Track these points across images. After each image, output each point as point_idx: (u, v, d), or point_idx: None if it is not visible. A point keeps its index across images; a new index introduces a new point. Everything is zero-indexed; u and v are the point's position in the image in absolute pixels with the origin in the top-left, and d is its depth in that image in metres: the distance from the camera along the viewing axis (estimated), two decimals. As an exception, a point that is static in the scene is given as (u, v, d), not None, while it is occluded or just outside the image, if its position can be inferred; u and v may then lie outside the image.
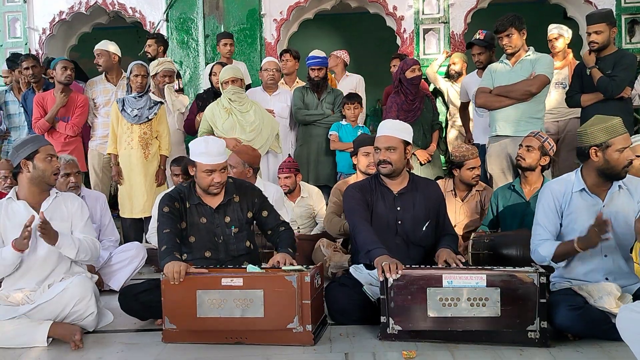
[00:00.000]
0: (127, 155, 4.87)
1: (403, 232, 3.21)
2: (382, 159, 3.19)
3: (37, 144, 3.07)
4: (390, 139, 3.21)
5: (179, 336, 2.82)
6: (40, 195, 3.11)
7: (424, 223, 3.23)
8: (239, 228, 3.21)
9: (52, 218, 3.04)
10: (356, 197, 3.23)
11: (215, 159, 3.10)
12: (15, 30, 7.10)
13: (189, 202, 3.18)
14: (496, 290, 2.64)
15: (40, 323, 2.90)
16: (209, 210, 3.18)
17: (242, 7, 6.80)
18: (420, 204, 3.24)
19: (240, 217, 3.22)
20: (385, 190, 3.26)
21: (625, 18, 6.36)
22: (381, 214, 3.21)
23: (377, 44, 8.38)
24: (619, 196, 2.83)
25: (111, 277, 3.90)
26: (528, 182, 3.84)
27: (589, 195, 2.85)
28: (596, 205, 2.83)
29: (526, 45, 4.32)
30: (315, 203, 4.80)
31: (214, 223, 3.17)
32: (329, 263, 4.05)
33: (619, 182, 2.82)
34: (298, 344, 2.71)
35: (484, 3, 6.69)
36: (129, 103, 4.86)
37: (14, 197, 3.10)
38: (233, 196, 3.23)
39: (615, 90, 4.30)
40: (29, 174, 3.04)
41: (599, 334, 2.64)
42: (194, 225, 3.16)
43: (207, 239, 3.16)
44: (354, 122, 5.24)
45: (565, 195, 2.87)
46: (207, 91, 5.33)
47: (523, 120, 4.23)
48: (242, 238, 3.21)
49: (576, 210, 2.85)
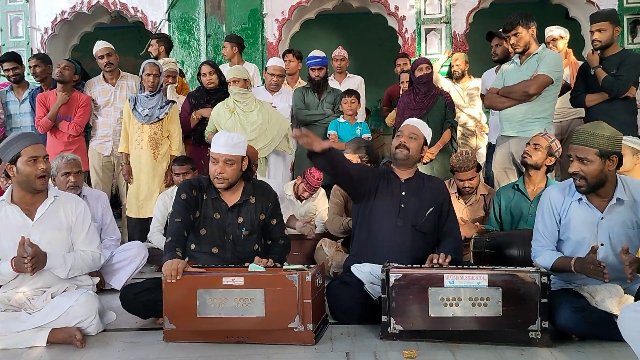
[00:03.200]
0: (137, 155, 4.88)
1: (405, 215, 3.22)
2: (402, 142, 3.27)
3: (20, 145, 2.86)
4: (415, 128, 3.33)
5: (180, 335, 2.81)
6: (33, 198, 2.96)
7: (428, 209, 3.24)
8: (250, 231, 3.20)
9: (45, 227, 2.95)
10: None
11: (220, 149, 3.10)
12: (17, 29, 7.13)
13: (207, 194, 3.17)
14: (497, 290, 2.63)
15: (39, 330, 2.86)
16: (224, 207, 3.18)
17: (243, 7, 6.82)
18: (425, 192, 3.29)
19: (253, 219, 3.21)
20: (394, 176, 3.33)
21: (628, 18, 6.37)
22: (386, 196, 3.25)
23: (379, 44, 8.39)
24: (619, 208, 2.74)
25: (112, 276, 3.90)
26: (532, 181, 3.83)
27: (587, 206, 2.78)
28: (593, 217, 2.76)
29: (537, 42, 4.24)
30: (319, 203, 4.81)
31: (226, 221, 3.17)
32: (331, 263, 4.05)
33: (619, 195, 2.72)
34: (299, 343, 2.71)
35: (486, 3, 6.70)
36: (140, 102, 4.86)
37: (8, 200, 2.96)
38: (250, 197, 3.22)
39: (621, 90, 4.29)
40: (14, 178, 2.90)
41: (602, 335, 2.62)
42: (207, 219, 3.16)
43: (217, 236, 3.16)
44: (352, 118, 5.20)
45: (564, 204, 2.82)
46: (199, 90, 5.34)
47: (527, 120, 4.20)
48: (251, 241, 3.21)
49: (573, 219, 2.79)
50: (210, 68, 5.17)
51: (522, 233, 3.50)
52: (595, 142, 2.63)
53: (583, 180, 2.67)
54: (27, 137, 2.95)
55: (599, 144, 2.62)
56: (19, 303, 2.95)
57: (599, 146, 2.62)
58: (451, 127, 5.00)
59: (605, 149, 2.62)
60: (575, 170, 2.67)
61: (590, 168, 2.63)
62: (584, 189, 2.69)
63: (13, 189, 2.99)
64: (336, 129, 5.17)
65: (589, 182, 2.66)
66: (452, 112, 5.04)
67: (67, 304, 2.88)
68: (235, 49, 5.84)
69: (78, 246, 3.06)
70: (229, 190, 3.18)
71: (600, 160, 2.62)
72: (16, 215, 2.94)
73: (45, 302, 2.92)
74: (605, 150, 2.62)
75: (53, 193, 3.04)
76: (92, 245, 3.11)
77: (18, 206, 2.96)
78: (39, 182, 2.90)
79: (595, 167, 2.63)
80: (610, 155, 2.64)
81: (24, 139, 2.92)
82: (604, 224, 2.74)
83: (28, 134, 3.04)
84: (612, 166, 2.66)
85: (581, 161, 2.65)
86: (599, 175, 2.65)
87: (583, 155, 2.63)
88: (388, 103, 6.41)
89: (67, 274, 2.96)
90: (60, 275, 2.95)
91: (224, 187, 3.14)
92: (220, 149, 3.11)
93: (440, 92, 5.09)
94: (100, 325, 3.01)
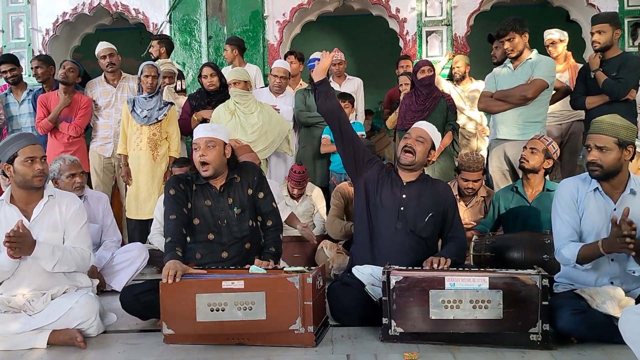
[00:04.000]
0: (135, 156, 4.89)
1: (404, 218, 3.19)
2: (409, 144, 3.24)
3: (17, 146, 2.90)
4: (423, 132, 3.30)
5: (180, 338, 2.80)
6: (30, 198, 2.97)
7: (427, 214, 3.21)
8: (242, 209, 3.22)
9: (41, 227, 2.95)
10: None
11: (199, 134, 3.20)
12: (18, 31, 7.13)
13: (196, 184, 3.20)
14: (498, 292, 2.63)
15: (40, 331, 2.86)
16: (214, 192, 3.20)
17: (245, 8, 6.82)
18: (427, 197, 3.24)
19: (242, 197, 3.24)
20: (396, 178, 3.30)
21: (628, 21, 6.36)
22: (386, 197, 3.23)
23: (380, 46, 8.40)
24: (632, 200, 2.78)
25: (113, 278, 3.91)
26: (530, 184, 3.83)
27: (601, 195, 2.82)
28: (607, 207, 2.80)
29: (529, 48, 4.31)
30: (316, 202, 4.83)
31: (218, 206, 3.19)
32: (332, 265, 4.06)
33: (632, 186, 2.78)
34: (300, 345, 2.71)
35: (487, 6, 6.70)
36: (139, 103, 4.87)
37: (7, 200, 2.98)
38: (234, 176, 3.25)
39: (622, 92, 4.30)
40: (12, 177, 2.92)
41: (603, 338, 2.62)
42: (198, 208, 3.18)
43: (212, 222, 3.18)
44: None
45: (579, 192, 2.85)
46: (199, 91, 5.35)
47: (523, 124, 4.23)
48: (244, 218, 3.22)
49: (587, 210, 2.83)
50: (211, 70, 5.18)
51: (522, 236, 3.51)
52: (614, 132, 2.72)
53: (599, 167, 2.74)
54: (24, 138, 2.98)
55: (617, 133, 2.72)
56: (18, 305, 2.94)
57: (617, 135, 2.71)
58: (453, 129, 4.99)
59: (624, 138, 2.71)
60: (594, 159, 2.74)
61: (608, 157, 2.72)
62: (598, 174, 2.76)
63: (12, 189, 3.01)
64: (330, 134, 5.17)
65: (605, 170, 2.74)
66: (453, 115, 5.03)
67: (67, 305, 2.89)
68: (235, 51, 5.84)
69: (69, 243, 3.03)
70: (217, 178, 3.20)
71: (619, 149, 2.71)
72: (14, 216, 2.95)
73: (46, 304, 2.92)
74: (623, 140, 2.71)
75: (48, 192, 3.04)
76: (84, 244, 3.07)
77: (16, 206, 2.98)
78: (36, 181, 2.92)
79: (614, 156, 2.72)
80: (627, 145, 2.72)
81: (22, 139, 2.95)
82: (617, 214, 2.75)
83: (26, 135, 3.07)
84: (628, 156, 2.75)
85: (600, 150, 2.73)
86: (616, 164, 2.73)
87: (602, 144, 2.71)
88: (389, 105, 6.41)
89: (53, 267, 2.93)
90: (47, 267, 2.93)
91: (210, 175, 3.15)
92: (199, 134, 3.20)
93: (442, 94, 5.08)
94: (101, 327, 3.01)
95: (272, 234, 3.27)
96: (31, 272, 2.96)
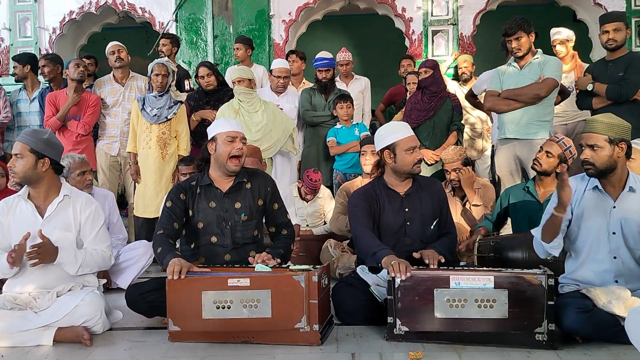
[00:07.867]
0: (144, 155, 4.89)
1: (412, 232, 3.20)
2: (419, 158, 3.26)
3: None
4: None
5: (186, 335, 2.81)
6: (45, 194, 3.01)
7: (432, 222, 3.23)
8: (249, 216, 3.18)
9: (54, 226, 2.97)
10: (360, 205, 3.22)
11: (235, 127, 3.19)
12: (25, 29, 7.16)
13: (200, 185, 3.18)
14: (504, 292, 2.63)
15: (46, 329, 2.88)
16: (219, 194, 3.18)
17: (251, 8, 6.83)
18: (426, 204, 3.25)
19: (251, 204, 3.19)
20: (392, 193, 3.26)
21: (635, 21, 6.34)
22: (389, 217, 3.21)
23: (386, 46, 8.38)
24: (631, 198, 2.80)
25: (119, 275, 3.91)
26: (543, 184, 3.81)
27: (601, 193, 2.83)
28: (606, 205, 2.81)
29: (534, 48, 4.30)
30: (326, 203, 4.83)
31: (223, 208, 3.16)
32: (337, 264, 4.06)
33: (631, 184, 2.81)
34: (305, 344, 2.71)
35: (493, 5, 6.69)
36: (149, 102, 4.87)
37: (25, 195, 3.03)
38: (244, 180, 3.21)
39: (630, 93, 4.29)
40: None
41: (608, 337, 2.62)
42: (201, 211, 3.16)
43: (216, 224, 3.15)
44: (348, 122, 5.22)
45: (576, 192, 2.86)
46: (197, 91, 5.35)
47: (532, 123, 4.22)
48: (250, 227, 3.19)
49: (586, 208, 2.84)
50: (207, 70, 5.19)
51: (526, 237, 3.48)
52: (605, 130, 2.77)
53: (592, 166, 2.78)
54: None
55: (608, 130, 2.76)
56: (25, 302, 2.96)
57: (608, 133, 2.75)
58: (457, 129, 4.99)
59: (614, 135, 2.75)
60: (586, 157, 2.79)
61: (600, 154, 2.76)
62: (592, 172, 2.81)
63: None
64: (335, 136, 5.19)
65: (598, 167, 2.78)
66: (459, 115, 5.03)
67: (73, 303, 2.90)
68: (249, 51, 5.89)
69: (88, 244, 3.06)
70: (225, 178, 3.19)
71: (610, 146, 2.75)
72: (29, 212, 2.99)
73: (51, 301, 2.93)
74: (614, 137, 2.75)
75: (64, 192, 3.06)
76: (103, 244, 3.11)
77: (32, 202, 3.01)
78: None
79: (605, 153, 2.76)
80: (619, 142, 2.76)
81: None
82: (616, 212, 2.78)
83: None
84: (621, 153, 2.78)
85: (592, 148, 2.77)
86: (609, 160, 2.76)
87: (593, 142, 2.77)
88: (387, 102, 6.41)
89: (77, 270, 2.97)
90: (70, 271, 2.97)
91: (237, 170, 3.15)
92: (234, 127, 3.20)
93: (448, 94, 5.08)
94: (107, 324, 3.02)
95: (284, 239, 3.28)
96: (37, 270, 2.96)
